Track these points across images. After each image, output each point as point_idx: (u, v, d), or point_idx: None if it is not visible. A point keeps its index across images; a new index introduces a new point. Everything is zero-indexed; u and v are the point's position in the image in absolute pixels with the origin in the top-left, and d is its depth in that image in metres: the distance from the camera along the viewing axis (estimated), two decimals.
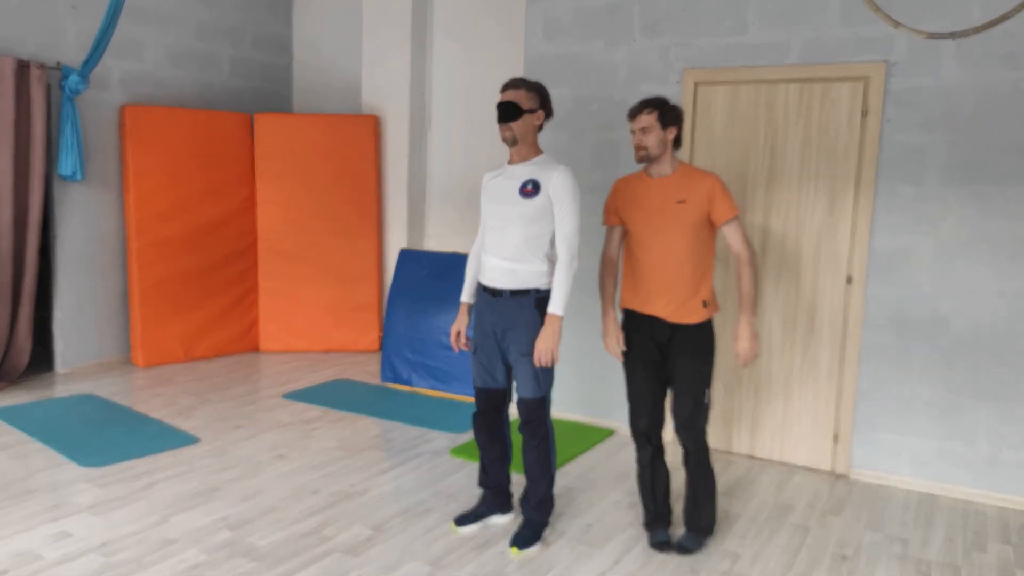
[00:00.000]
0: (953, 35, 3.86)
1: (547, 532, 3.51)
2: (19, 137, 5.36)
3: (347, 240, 6.73)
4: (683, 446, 3.37)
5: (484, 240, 3.39)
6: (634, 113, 3.30)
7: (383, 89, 6.82)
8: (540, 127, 3.36)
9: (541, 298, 3.27)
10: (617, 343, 3.39)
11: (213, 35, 6.77)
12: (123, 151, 6.06)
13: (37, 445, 4.39)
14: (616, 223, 3.49)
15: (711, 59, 4.46)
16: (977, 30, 3.80)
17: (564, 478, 4.17)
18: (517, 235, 3.24)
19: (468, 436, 4.75)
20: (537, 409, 3.34)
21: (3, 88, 5.22)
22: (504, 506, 3.61)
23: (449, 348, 5.54)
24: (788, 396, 4.44)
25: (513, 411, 3.56)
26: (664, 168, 3.32)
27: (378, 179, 6.82)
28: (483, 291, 3.38)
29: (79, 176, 5.67)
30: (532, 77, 4.99)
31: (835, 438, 4.32)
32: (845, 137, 4.17)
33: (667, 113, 3.26)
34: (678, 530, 3.51)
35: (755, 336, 3.27)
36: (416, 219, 6.95)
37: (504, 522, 3.59)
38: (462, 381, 5.54)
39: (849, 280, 4.22)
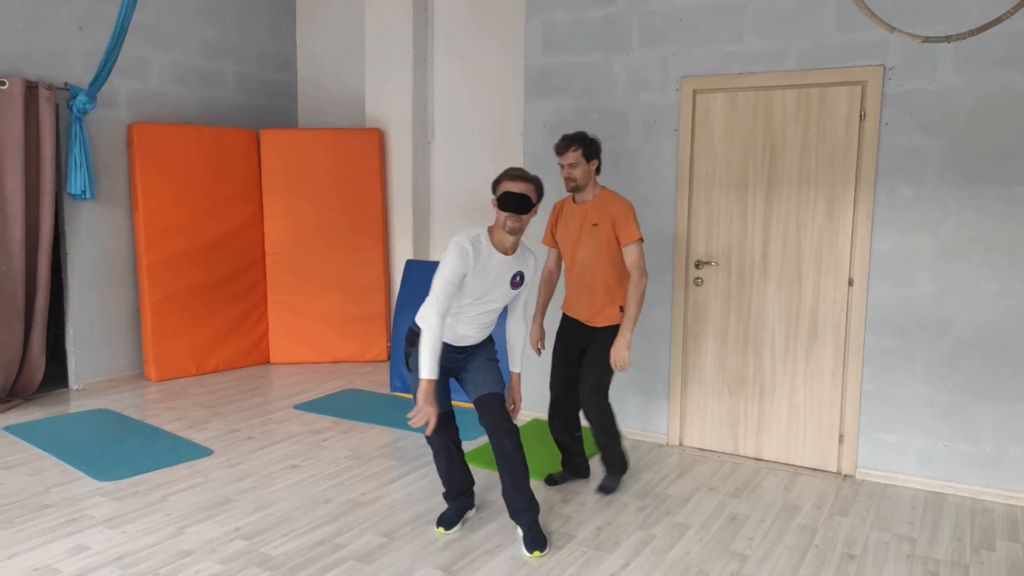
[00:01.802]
0: (948, 39, 3.90)
1: (556, 536, 3.55)
2: (29, 157, 5.45)
3: (353, 252, 6.80)
4: (585, 412, 3.99)
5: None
6: (561, 150, 3.78)
7: (386, 102, 6.90)
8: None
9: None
10: (537, 341, 4.14)
11: (218, 53, 6.85)
12: (131, 169, 6.14)
13: (52, 460, 4.46)
14: (553, 245, 4.13)
15: (709, 67, 4.51)
16: (972, 33, 3.83)
17: (572, 483, 4.21)
18: (490, 316, 3.56)
19: (476, 443, 4.80)
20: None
21: (12, 109, 5.30)
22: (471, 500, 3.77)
23: None
24: (793, 398, 4.47)
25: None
26: (587, 195, 3.88)
27: (383, 191, 6.89)
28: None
29: (88, 194, 5.76)
30: (532, 88, 5.07)
31: (840, 439, 4.36)
32: (843, 141, 4.21)
33: (589, 148, 3.79)
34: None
35: (627, 346, 3.77)
36: (421, 230, 7.01)
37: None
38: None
39: (851, 282, 4.26)
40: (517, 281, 3.44)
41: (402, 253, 6.93)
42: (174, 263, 6.25)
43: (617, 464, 4.11)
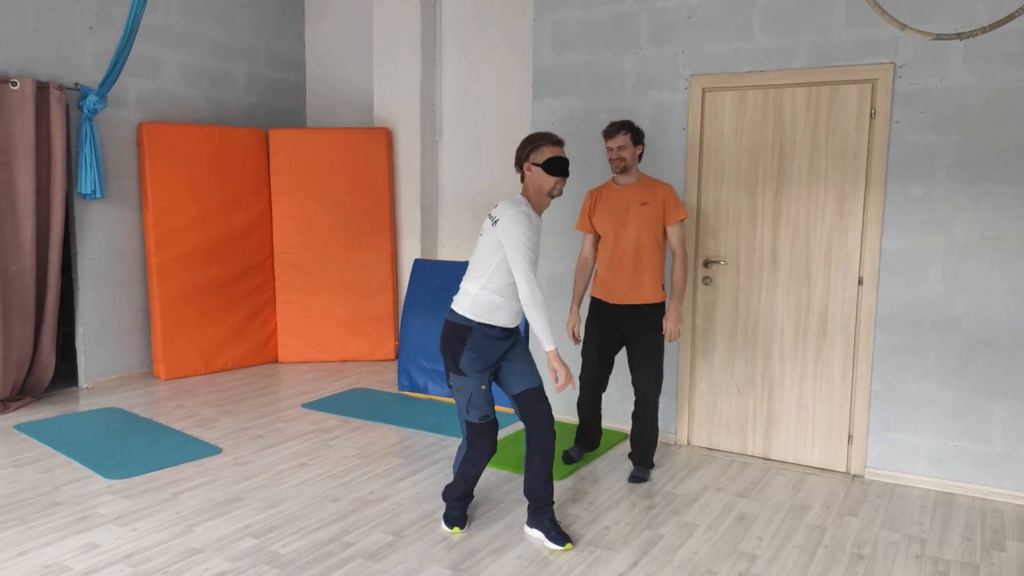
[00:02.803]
0: (960, 36, 3.87)
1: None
2: (39, 157, 5.48)
3: (362, 251, 6.81)
4: (646, 400, 4.24)
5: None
6: (612, 133, 4.07)
7: (394, 102, 6.91)
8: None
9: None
10: (574, 327, 4.28)
11: (227, 53, 6.88)
12: (141, 168, 6.17)
13: (62, 458, 4.48)
14: (590, 230, 4.29)
15: (718, 65, 4.50)
16: (984, 30, 3.81)
17: (580, 481, 4.21)
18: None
19: None
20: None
21: (23, 109, 5.33)
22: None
23: None
24: (802, 398, 4.45)
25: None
26: (631, 178, 4.16)
27: (391, 191, 6.90)
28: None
29: (99, 194, 5.79)
30: (541, 87, 5.07)
31: (850, 438, 4.34)
32: (854, 139, 4.20)
33: (637, 133, 4.11)
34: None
35: (680, 318, 4.09)
36: (429, 229, 7.02)
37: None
38: None
39: (860, 281, 4.24)
40: None
41: (410, 252, 6.94)
42: (183, 262, 6.28)
43: (652, 455, 4.34)
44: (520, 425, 5.18)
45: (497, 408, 5.50)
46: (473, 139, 6.80)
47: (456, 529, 3.58)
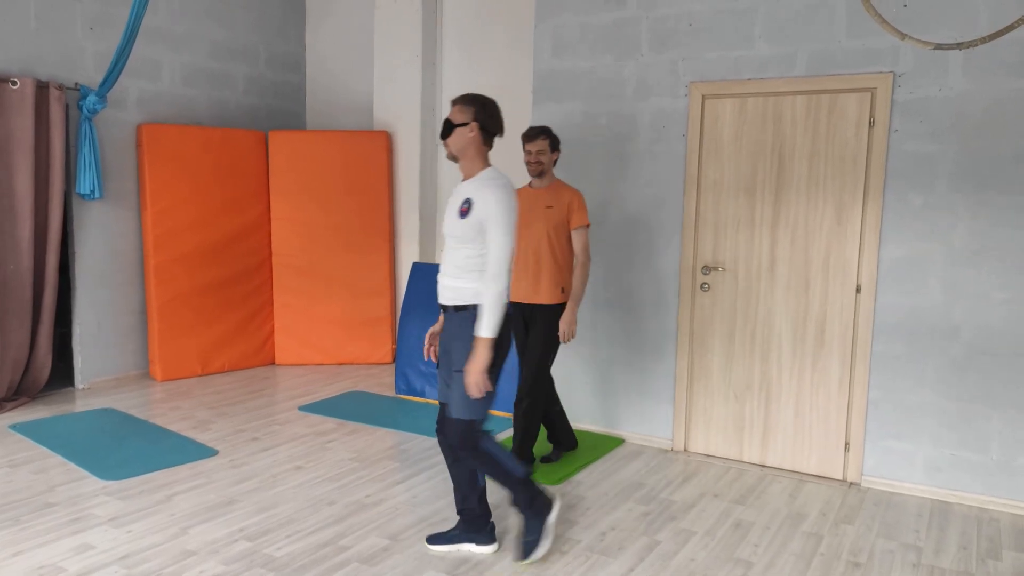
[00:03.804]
0: (960, 45, 3.88)
1: (560, 540, 3.54)
2: (38, 156, 5.47)
3: (360, 254, 6.81)
4: (525, 386, 4.25)
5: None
6: (531, 138, 4.19)
7: (394, 105, 6.91)
8: (486, 143, 3.25)
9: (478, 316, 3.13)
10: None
11: (228, 55, 6.88)
12: (140, 169, 6.17)
13: (58, 459, 4.46)
14: None
15: (718, 72, 4.51)
16: (984, 40, 3.82)
17: (576, 487, 4.21)
18: (456, 254, 3.19)
19: None
20: (463, 434, 3.16)
21: (23, 108, 5.33)
22: (478, 535, 3.43)
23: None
24: (799, 405, 4.45)
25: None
26: (544, 182, 4.28)
27: (390, 194, 6.90)
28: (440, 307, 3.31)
29: (97, 194, 5.78)
30: (541, 92, 5.08)
31: (846, 446, 4.34)
32: (853, 147, 4.20)
33: (554, 140, 4.24)
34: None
35: (574, 320, 4.14)
36: (428, 233, 7.02)
37: (482, 553, 3.40)
38: None
39: (859, 289, 4.25)
40: (464, 209, 3.15)
41: (409, 256, 6.94)
42: (181, 263, 6.27)
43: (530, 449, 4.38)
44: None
45: (496, 412, 5.50)
46: None
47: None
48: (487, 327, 3.07)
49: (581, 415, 5.13)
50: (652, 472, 4.46)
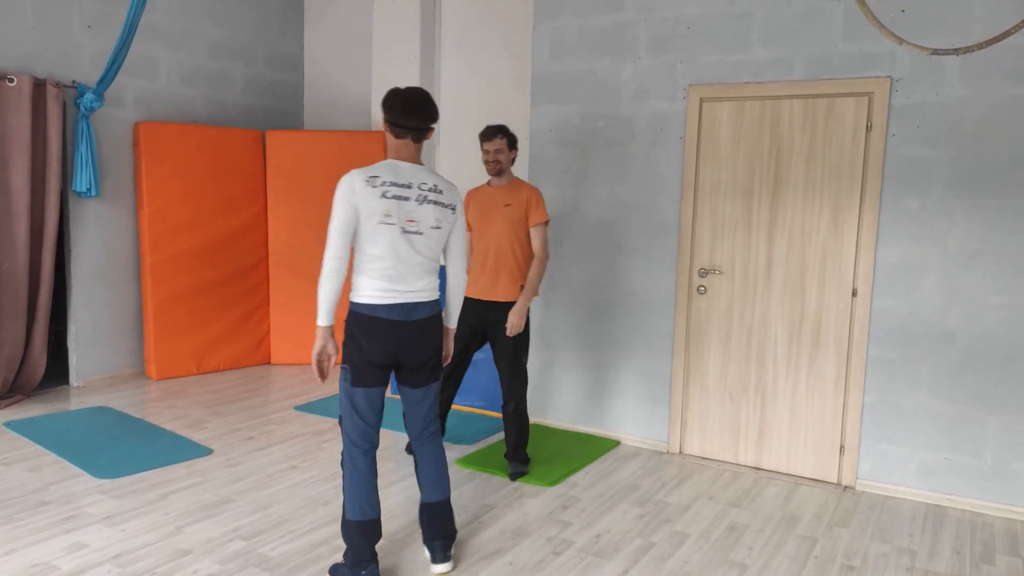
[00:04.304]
0: (957, 51, 3.90)
1: (555, 542, 3.54)
2: (35, 154, 5.46)
3: None
4: (513, 396, 4.31)
5: None
6: (489, 137, 4.22)
7: None
8: (395, 135, 3.14)
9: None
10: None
11: (225, 54, 6.88)
12: (137, 167, 6.16)
13: (52, 457, 4.45)
14: (468, 229, 4.37)
15: (716, 76, 4.52)
16: (981, 46, 3.83)
17: (571, 489, 4.21)
18: None
19: (476, 447, 4.79)
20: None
21: (20, 106, 5.32)
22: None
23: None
24: (794, 408, 4.46)
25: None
26: (503, 180, 4.31)
27: None
28: None
29: (94, 192, 5.77)
30: (539, 94, 5.08)
31: (841, 449, 4.34)
32: (850, 151, 4.21)
33: (512, 139, 4.28)
34: None
35: (523, 314, 4.15)
36: None
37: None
38: (470, 393, 5.57)
39: (855, 292, 4.26)
40: None
41: None
42: (178, 262, 6.26)
43: (525, 447, 4.43)
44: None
45: (491, 413, 5.49)
46: (471, 144, 6.77)
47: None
48: (320, 315, 3.18)
49: (577, 417, 5.14)
50: (647, 474, 4.46)
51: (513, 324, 4.15)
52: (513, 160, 4.32)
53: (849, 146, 4.21)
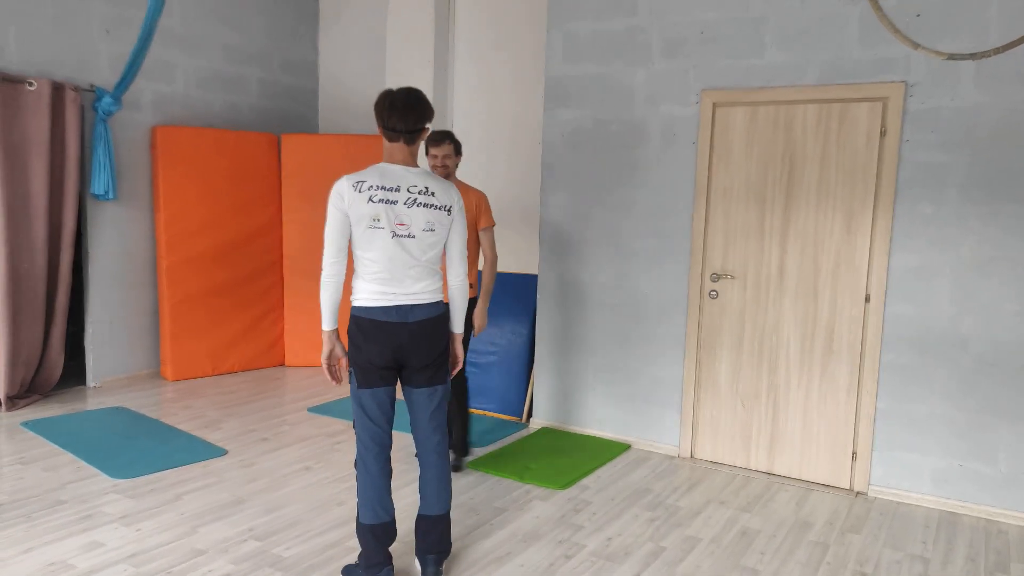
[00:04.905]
0: (973, 56, 3.89)
1: (566, 546, 3.55)
2: (53, 157, 5.52)
3: None
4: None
5: None
6: (438, 142, 4.27)
7: None
8: (387, 138, 3.36)
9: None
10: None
11: (241, 59, 6.93)
12: (154, 170, 6.22)
13: (68, 457, 4.50)
14: None
15: (729, 80, 4.52)
16: (997, 51, 3.82)
17: (582, 492, 4.21)
18: None
19: (487, 449, 4.81)
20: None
21: (38, 109, 5.38)
22: None
23: (471, 363, 5.61)
24: (807, 414, 4.45)
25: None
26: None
27: None
28: None
29: (111, 195, 5.83)
30: (553, 98, 5.09)
31: (854, 456, 4.33)
32: (864, 157, 4.20)
33: (458, 145, 4.37)
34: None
35: (485, 315, 4.32)
36: None
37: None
38: (481, 395, 5.59)
39: (868, 298, 4.24)
40: None
41: None
42: (194, 264, 6.31)
43: (461, 443, 4.56)
44: (518, 435, 5.19)
45: (509, 416, 5.51)
46: (484, 148, 6.82)
47: None
48: (323, 319, 3.11)
49: (588, 420, 5.14)
50: (658, 478, 4.46)
51: (478, 325, 4.32)
52: (457, 165, 4.41)
53: (863, 151, 4.20)
